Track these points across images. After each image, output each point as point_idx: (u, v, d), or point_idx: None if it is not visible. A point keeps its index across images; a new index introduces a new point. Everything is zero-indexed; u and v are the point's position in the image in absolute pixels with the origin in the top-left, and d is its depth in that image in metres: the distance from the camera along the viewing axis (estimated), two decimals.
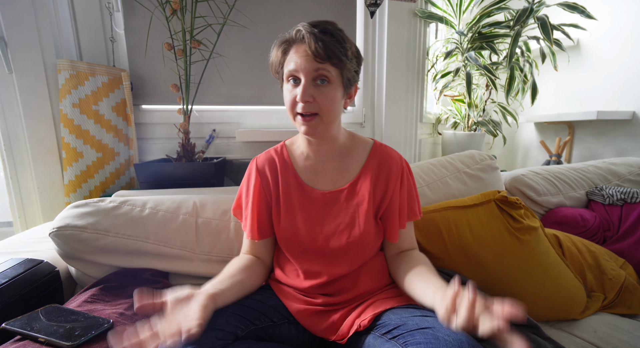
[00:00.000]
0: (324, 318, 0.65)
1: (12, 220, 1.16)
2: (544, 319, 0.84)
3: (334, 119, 0.64)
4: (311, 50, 0.58)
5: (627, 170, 1.29)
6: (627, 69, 1.56)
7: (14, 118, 1.10)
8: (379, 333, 0.56)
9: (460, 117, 1.76)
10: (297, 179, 0.71)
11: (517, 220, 0.87)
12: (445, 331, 0.49)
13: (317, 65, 0.59)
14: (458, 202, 0.94)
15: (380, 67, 1.51)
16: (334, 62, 0.59)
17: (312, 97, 0.60)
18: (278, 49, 0.64)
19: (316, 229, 0.68)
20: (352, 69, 0.63)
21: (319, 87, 0.61)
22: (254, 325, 0.58)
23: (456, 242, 0.88)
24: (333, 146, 0.70)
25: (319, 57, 0.58)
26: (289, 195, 0.70)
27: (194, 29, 1.13)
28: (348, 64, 0.61)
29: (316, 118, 0.62)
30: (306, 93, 0.59)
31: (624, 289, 0.91)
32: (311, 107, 0.61)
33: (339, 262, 0.67)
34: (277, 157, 0.73)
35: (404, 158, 0.74)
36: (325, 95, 0.61)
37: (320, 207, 0.69)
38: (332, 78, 0.60)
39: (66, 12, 1.15)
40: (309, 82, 0.60)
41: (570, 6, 1.39)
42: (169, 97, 1.26)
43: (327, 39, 0.59)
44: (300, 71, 0.60)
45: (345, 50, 0.61)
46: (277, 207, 0.70)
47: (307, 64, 0.59)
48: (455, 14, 1.56)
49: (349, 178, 0.70)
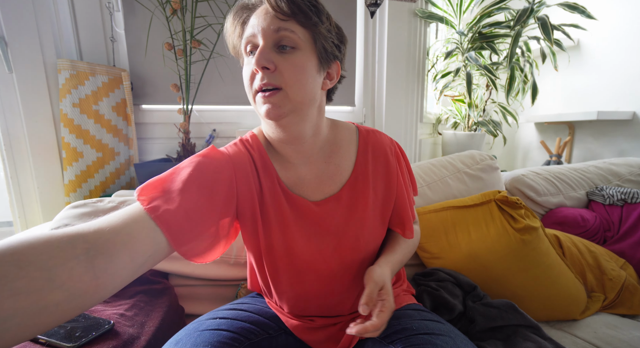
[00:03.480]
0: (322, 332, 0.62)
1: (12, 220, 1.16)
2: (544, 319, 0.84)
3: (306, 97, 0.48)
4: (271, 5, 0.45)
5: (627, 171, 1.29)
6: (627, 69, 1.56)
7: (14, 118, 1.10)
8: (379, 338, 0.55)
9: (460, 117, 1.76)
10: (282, 186, 0.56)
11: (518, 220, 0.87)
12: (444, 338, 0.49)
13: (279, 24, 0.45)
14: (458, 202, 0.94)
15: (380, 67, 1.51)
16: (300, 19, 0.46)
17: (272, 64, 0.45)
18: (235, 18, 0.50)
19: (313, 246, 0.56)
20: (328, 36, 0.49)
21: (282, 53, 0.47)
22: (249, 340, 0.54)
23: (456, 242, 0.88)
24: (316, 143, 0.56)
25: (280, 12, 0.45)
26: (278, 206, 0.55)
27: (194, 28, 1.13)
28: (321, 27, 0.48)
29: (279, 93, 0.47)
30: (263, 57, 0.45)
31: (624, 289, 0.91)
32: (272, 78, 0.46)
33: (339, 282, 0.58)
34: (254, 155, 0.55)
35: (394, 140, 0.63)
36: (289, 62, 0.46)
37: (314, 221, 0.56)
38: (299, 41, 0.46)
39: (66, 12, 1.15)
40: (269, 46, 0.46)
41: (571, 6, 1.39)
42: (169, 97, 1.26)
43: None
44: (258, 34, 0.46)
45: (317, 8, 0.47)
46: (263, 219, 0.55)
47: (264, 23, 0.46)
48: (455, 14, 1.56)
49: (342, 181, 0.57)
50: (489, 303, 0.75)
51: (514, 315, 0.72)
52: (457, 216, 0.91)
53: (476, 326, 0.72)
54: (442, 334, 0.50)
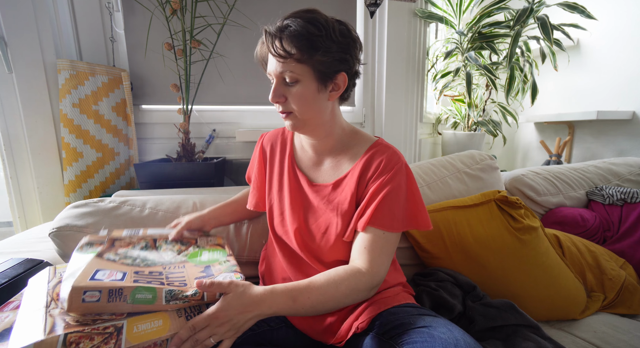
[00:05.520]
0: (320, 322, 0.64)
1: (12, 220, 1.16)
2: (544, 319, 0.84)
3: (313, 115, 0.61)
4: (272, 54, 0.57)
5: (627, 170, 1.29)
6: (627, 68, 1.56)
7: (14, 118, 1.10)
8: (377, 334, 0.55)
9: (460, 117, 1.76)
10: (293, 163, 0.72)
11: (517, 220, 0.87)
12: (442, 330, 0.49)
13: (281, 67, 0.57)
14: (458, 202, 0.94)
15: (380, 67, 1.51)
16: (296, 58, 0.55)
17: (283, 97, 0.60)
18: (261, 45, 0.63)
19: (300, 216, 0.67)
20: (325, 59, 0.56)
21: (289, 87, 0.59)
22: (251, 330, 0.57)
23: (456, 242, 0.88)
24: (327, 142, 0.67)
25: (279, 57, 0.56)
26: (281, 176, 0.71)
27: (194, 29, 1.13)
28: (317, 55, 0.55)
29: (291, 115, 0.62)
30: (275, 94, 0.59)
31: (624, 289, 0.91)
32: (284, 106, 0.61)
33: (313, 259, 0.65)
34: (281, 138, 0.75)
35: (404, 160, 0.64)
36: (294, 95, 0.59)
37: (305, 195, 0.68)
38: (298, 76, 0.57)
39: (66, 12, 1.15)
40: (279, 83, 0.59)
41: (570, 6, 1.39)
42: (169, 97, 1.26)
43: (286, 34, 0.55)
44: (271, 73, 0.60)
45: (310, 41, 0.54)
46: (270, 184, 0.73)
47: (272, 67, 0.59)
48: (455, 13, 1.56)
49: (337, 176, 0.66)
50: (488, 303, 0.75)
51: (514, 314, 0.72)
52: (457, 216, 0.91)
53: (476, 326, 0.72)
54: (439, 326, 0.50)
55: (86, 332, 0.40)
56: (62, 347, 0.38)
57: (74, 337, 0.39)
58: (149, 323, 0.43)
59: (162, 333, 0.43)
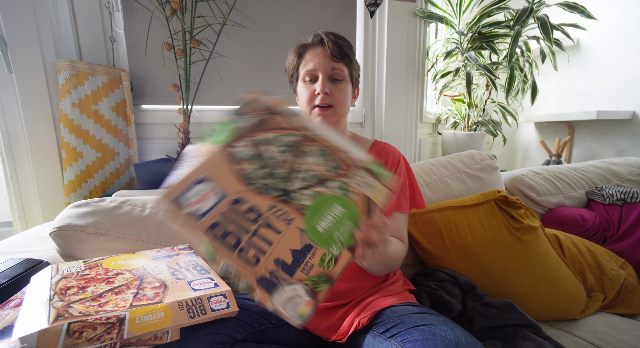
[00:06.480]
0: (324, 319, 0.65)
1: (12, 220, 1.16)
2: (544, 319, 0.84)
3: (345, 113, 0.74)
4: (329, 51, 0.69)
5: (627, 170, 1.29)
6: (627, 69, 1.56)
7: (14, 118, 1.10)
8: (378, 332, 0.56)
9: (460, 117, 1.76)
10: None
11: (517, 220, 0.87)
12: (443, 328, 0.49)
13: (333, 64, 0.70)
14: (458, 202, 0.94)
15: (380, 67, 1.51)
16: (346, 61, 0.71)
17: (329, 90, 0.70)
18: (294, 54, 0.74)
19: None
20: (357, 70, 0.76)
21: (334, 83, 0.71)
22: (252, 328, 0.58)
23: (456, 241, 0.88)
24: None
25: (335, 57, 0.69)
26: None
27: (194, 28, 1.13)
28: (355, 65, 0.74)
29: (331, 109, 0.71)
30: (325, 85, 0.69)
31: (624, 289, 0.91)
32: (328, 99, 0.70)
33: None
34: None
35: (402, 155, 0.79)
36: (339, 89, 0.71)
37: None
38: (344, 76, 0.72)
39: (66, 12, 1.15)
40: (326, 78, 0.70)
41: (570, 6, 1.39)
42: (169, 97, 1.26)
43: (341, 42, 0.71)
44: (319, 69, 0.70)
45: (353, 53, 0.73)
46: None
47: (325, 63, 0.70)
48: (455, 13, 1.56)
49: None
50: (488, 303, 0.75)
51: (514, 314, 0.72)
52: (457, 216, 0.91)
53: (475, 326, 0.72)
54: (441, 325, 0.51)
55: (89, 321, 0.40)
56: (65, 335, 0.39)
57: (77, 326, 0.40)
58: (151, 315, 0.44)
59: (163, 325, 0.44)
